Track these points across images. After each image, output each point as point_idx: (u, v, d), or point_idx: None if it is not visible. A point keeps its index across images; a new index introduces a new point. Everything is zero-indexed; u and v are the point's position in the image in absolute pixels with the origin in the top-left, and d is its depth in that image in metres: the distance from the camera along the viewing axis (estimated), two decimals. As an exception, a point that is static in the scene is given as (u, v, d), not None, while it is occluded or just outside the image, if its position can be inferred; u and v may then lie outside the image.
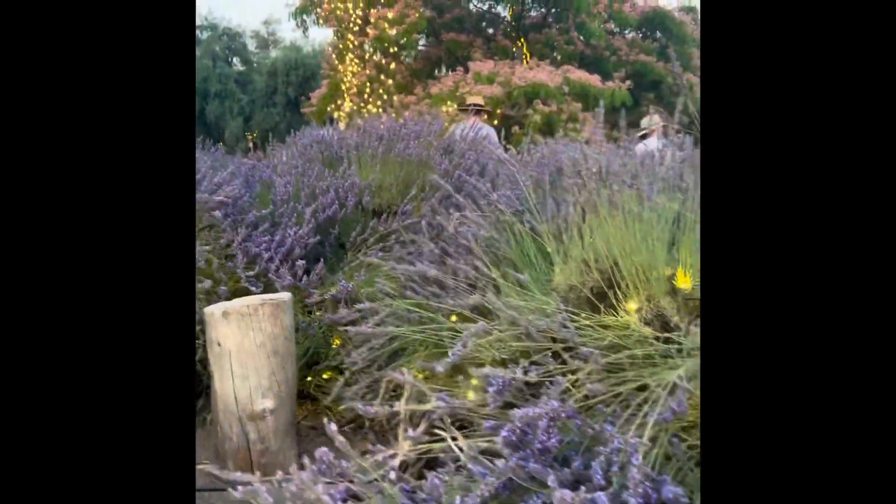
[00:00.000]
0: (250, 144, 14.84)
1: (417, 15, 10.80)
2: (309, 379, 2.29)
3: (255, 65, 28.39)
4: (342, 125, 12.52)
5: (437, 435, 1.49)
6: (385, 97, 11.92)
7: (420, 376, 1.88)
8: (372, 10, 11.40)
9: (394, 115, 11.36)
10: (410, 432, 1.42)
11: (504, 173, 2.97)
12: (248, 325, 1.72)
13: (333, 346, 2.33)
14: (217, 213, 2.28)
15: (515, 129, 9.90)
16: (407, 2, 10.98)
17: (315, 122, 13.20)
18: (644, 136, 6.06)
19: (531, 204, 1.99)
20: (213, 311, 1.73)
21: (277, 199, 2.81)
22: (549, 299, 1.56)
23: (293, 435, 1.83)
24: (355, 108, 12.35)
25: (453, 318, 1.83)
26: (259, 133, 24.62)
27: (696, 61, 13.60)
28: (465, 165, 3.09)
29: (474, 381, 1.84)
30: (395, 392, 1.96)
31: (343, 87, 12.54)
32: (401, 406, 1.55)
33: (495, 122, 10.45)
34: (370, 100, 12.29)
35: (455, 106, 10.20)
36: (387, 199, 3.21)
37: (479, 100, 5.66)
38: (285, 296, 1.82)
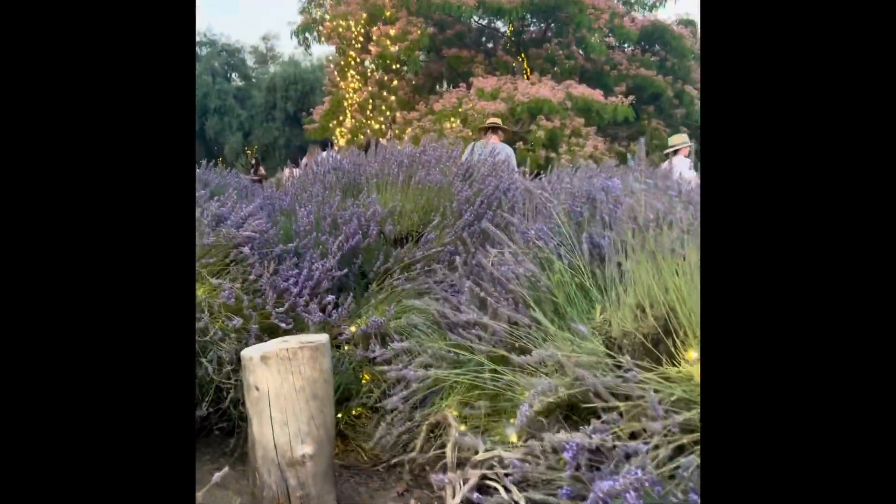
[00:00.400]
0: (252, 161, 14.83)
1: (419, 32, 10.83)
2: (339, 416, 2.25)
3: (253, 80, 28.43)
4: (342, 141, 12.53)
5: (489, 486, 1.46)
6: (388, 113, 11.93)
7: (456, 414, 1.85)
8: (374, 28, 11.44)
9: (396, 131, 11.37)
10: (461, 487, 1.39)
11: (526, 198, 2.94)
12: (287, 370, 1.69)
13: (363, 382, 2.30)
14: (245, 249, 2.25)
15: (519, 144, 9.90)
16: (409, 19, 11.02)
17: (318, 138, 13.20)
18: (673, 154, 6.13)
19: (569, 238, 1.96)
20: (251, 356, 1.70)
21: (300, 229, 2.79)
22: (597, 342, 1.54)
23: (332, 479, 1.80)
24: (357, 124, 12.37)
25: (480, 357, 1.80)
26: (258, 148, 24.67)
27: (696, 74, 13.66)
28: (486, 192, 3.07)
29: (514, 421, 1.80)
30: (433, 433, 1.93)
31: (345, 104, 12.55)
32: (451, 458, 1.52)
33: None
34: (372, 116, 12.30)
35: (458, 121, 10.23)
36: (406, 226, 3.18)
37: (497, 120, 5.71)
38: (322, 338, 1.79)
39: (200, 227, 2.22)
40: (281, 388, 1.69)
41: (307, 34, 11.81)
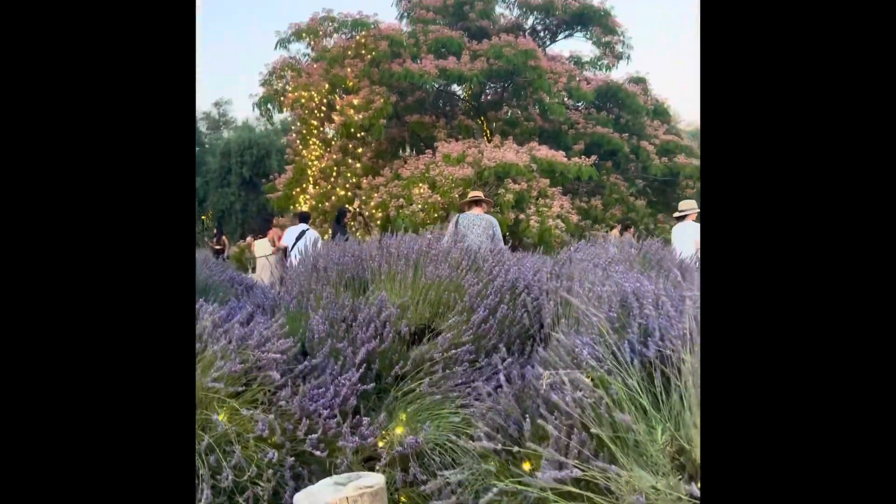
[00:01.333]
0: (214, 230, 14.59)
1: (383, 100, 10.98)
2: (378, 545, 2.13)
3: (207, 146, 28.32)
4: (306, 207, 12.45)
5: None
6: (353, 180, 11.95)
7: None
8: (336, 97, 11.55)
9: (364, 197, 11.37)
10: None
11: (552, 299, 2.93)
12: (347, 520, 1.59)
13: (401, 506, 2.20)
14: (274, 374, 2.15)
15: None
16: (371, 88, 11.17)
17: (282, 206, 13.10)
18: (680, 219, 6.30)
19: (613, 350, 1.94)
20: (308, 507, 1.60)
21: (315, 337, 2.70)
22: (677, 481, 1.50)
23: None
24: (322, 191, 12.33)
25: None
26: (214, 214, 24.39)
27: (650, 129, 14.18)
28: (496, 284, 3.05)
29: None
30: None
31: (309, 172, 12.53)
32: None
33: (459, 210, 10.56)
34: (337, 182, 12.29)
35: (426, 187, 10.30)
36: (415, 320, 3.13)
37: (479, 194, 5.81)
38: (379, 480, 1.70)
39: (226, 351, 2.13)
40: (342, 540, 1.59)
41: (269, 105, 11.84)
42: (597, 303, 2.22)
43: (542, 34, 14.22)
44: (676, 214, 6.62)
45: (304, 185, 12.75)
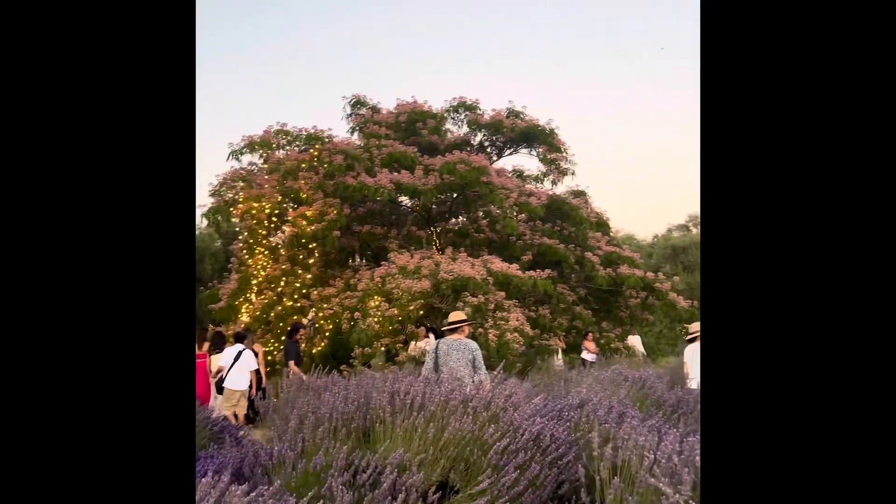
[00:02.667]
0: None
1: (336, 212, 10.91)
2: None
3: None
4: (246, 318, 11.96)
5: None
6: (303, 290, 11.63)
7: None
8: (290, 209, 11.41)
9: (314, 309, 11.03)
10: None
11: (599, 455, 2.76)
12: None
13: None
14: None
15: (445, 321, 9.86)
16: (325, 200, 11.11)
17: (224, 318, 12.53)
18: (692, 340, 6.29)
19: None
20: None
21: (337, 510, 2.42)
22: None
23: None
24: (268, 301, 11.91)
25: None
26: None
27: (592, 241, 14.62)
28: (522, 440, 2.86)
29: None
30: None
31: (254, 283, 12.13)
32: None
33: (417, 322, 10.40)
34: (285, 292, 11.93)
35: (382, 300, 10.11)
36: (435, 479, 2.89)
37: (461, 315, 5.69)
38: None
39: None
40: None
41: (218, 216, 11.55)
42: (667, 478, 2.08)
43: (489, 150, 14.72)
44: (688, 336, 6.65)
45: (248, 294, 12.29)
